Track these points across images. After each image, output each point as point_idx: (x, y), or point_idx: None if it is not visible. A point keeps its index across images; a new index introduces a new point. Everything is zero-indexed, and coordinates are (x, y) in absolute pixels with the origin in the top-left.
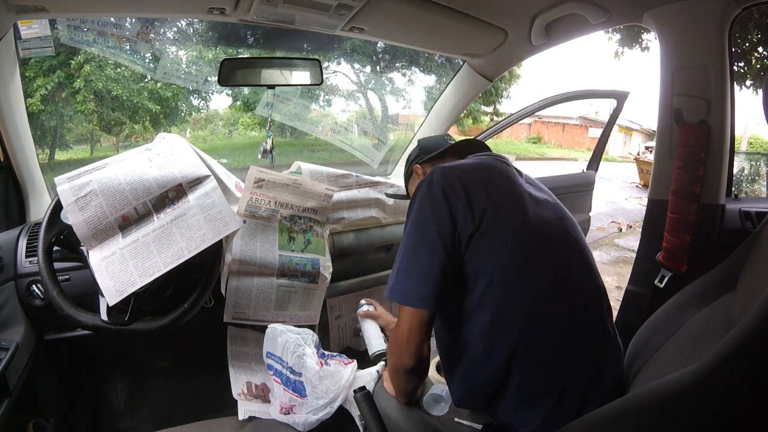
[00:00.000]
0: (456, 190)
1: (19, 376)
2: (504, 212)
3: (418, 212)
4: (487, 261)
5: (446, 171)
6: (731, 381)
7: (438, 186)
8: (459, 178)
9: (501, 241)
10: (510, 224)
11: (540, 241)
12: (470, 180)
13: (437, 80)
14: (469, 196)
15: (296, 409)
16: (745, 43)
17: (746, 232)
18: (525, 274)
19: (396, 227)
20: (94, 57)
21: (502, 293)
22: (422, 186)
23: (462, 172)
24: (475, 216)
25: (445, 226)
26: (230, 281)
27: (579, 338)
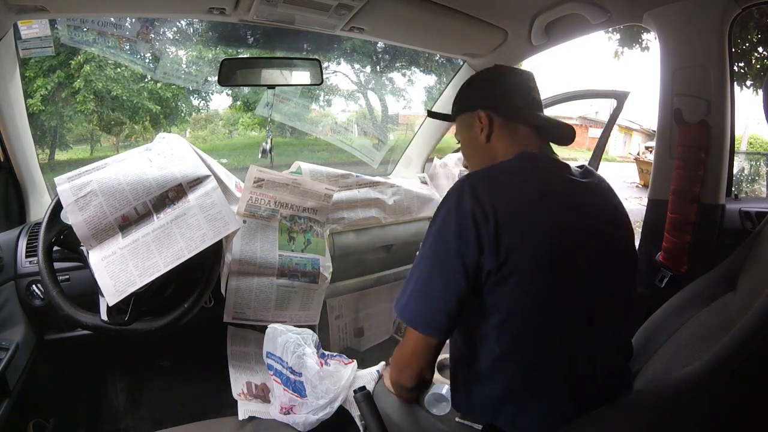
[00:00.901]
0: (487, 217)
1: (19, 376)
2: (536, 251)
3: (442, 229)
4: (506, 300)
5: (480, 188)
6: (731, 381)
7: (468, 206)
8: (493, 203)
9: (523, 285)
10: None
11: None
12: (506, 207)
13: (437, 80)
14: (498, 228)
15: (296, 409)
16: (745, 43)
17: (746, 232)
18: (544, 318)
19: (396, 227)
20: (94, 57)
21: (516, 330)
22: (451, 198)
23: (499, 195)
24: (500, 254)
25: (469, 254)
26: (230, 281)
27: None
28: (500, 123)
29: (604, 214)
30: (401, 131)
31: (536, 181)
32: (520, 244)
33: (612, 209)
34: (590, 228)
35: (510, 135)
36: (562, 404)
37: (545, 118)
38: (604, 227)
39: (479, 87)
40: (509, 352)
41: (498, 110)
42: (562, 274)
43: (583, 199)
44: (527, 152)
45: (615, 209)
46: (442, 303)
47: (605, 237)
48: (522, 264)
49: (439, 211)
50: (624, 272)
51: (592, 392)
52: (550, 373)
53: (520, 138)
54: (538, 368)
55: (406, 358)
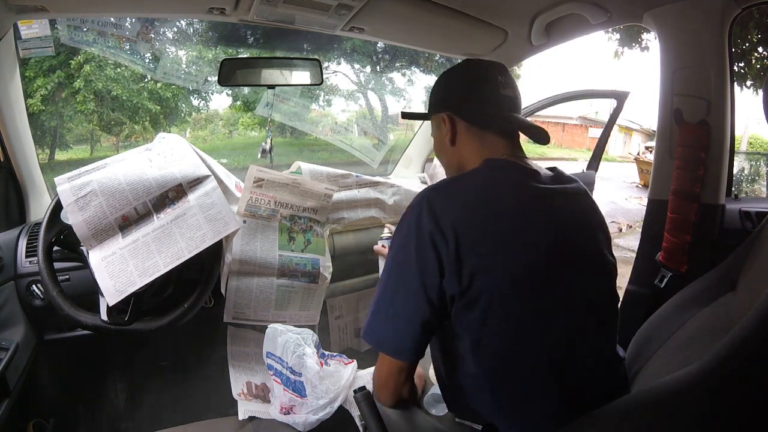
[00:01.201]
0: (446, 240)
1: (19, 376)
2: (505, 272)
3: (401, 250)
4: (475, 324)
5: (438, 207)
6: (731, 381)
7: (426, 228)
8: (452, 224)
9: (494, 309)
10: (508, 288)
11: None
12: (467, 228)
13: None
14: (459, 251)
15: (296, 409)
16: (745, 43)
17: (746, 232)
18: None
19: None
20: (94, 57)
21: (493, 350)
22: (410, 217)
23: (459, 214)
24: (463, 278)
25: (430, 277)
26: (230, 281)
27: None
28: (464, 127)
29: (576, 223)
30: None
31: (501, 196)
32: (484, 267)
33: (585, 215)
34: (562, 240)
35: (477, 140)
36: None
37: (516, 121)
38: (576, 237)
39: (445, 86)
40: (487, 370)
41: (461, 114)
42: (536, 293)
43: (553, 208)
44: (492, 160)
45: (588, 214)
46: (407, 327)
47: (579, 246)
48: (489, 287)
49: (399, 228)
50: (602, 279)
51: (581, 401)
52: (534, 387)
53: (487, 143)
54: (520, 384)
55: (381, 379)
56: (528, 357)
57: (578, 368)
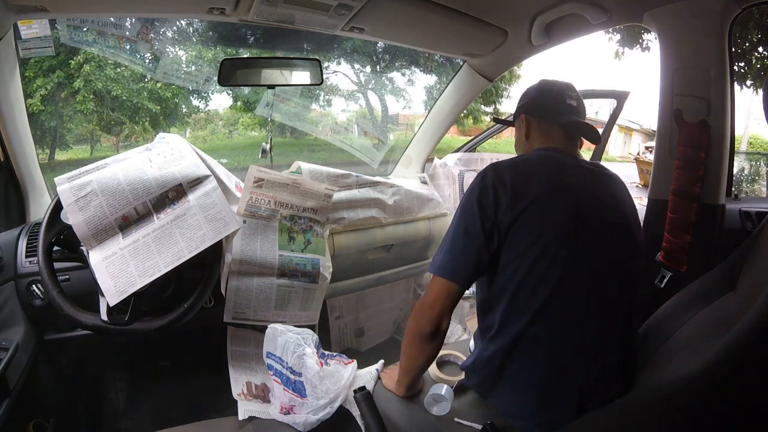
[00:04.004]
0: (505, 184)
1: (19, 376)
2: (546, 206)
3: (467, 199)
4: (518, 250)
5: (499, 168)
6: (731, 381)
7: (489, 180)
8: (510, 176)
9: (534, 234)
10: (549, 219)
11: (577, 239)
12: (519, 177)
13: (437, 80)
14: (514, 190)
15: (296, 409)
16: (745, 43)
17: (746, 232)
18: (547, 270)
19: (396, 227)
20: (93, 57)
21: (521, 283)
22: (477, 178)
23: (515, 171)
24: (516, 209)
25: (488, 215)
26: (230, 281)
27: (587, 339)
28: (536, 125)
29: (612, 200)
30: (401, 131)
31: (547, 167)
32: (532, 199)
33: (620, 200)
34: (597, 209)
35: (543, 134)
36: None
37: (575, 121)
38: (610, 212)
39: (526, 97)
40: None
41: (534, 115)
42: (567, 236)
43: (592, 184)
44: (543, 147)
45: (620, 194)
46: (463, 252)
47: (611, 220)
48: (534, 215)
49: (468, 190)
50: (630, 259)
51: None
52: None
53: (549, 136)
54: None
55: (428, 302)
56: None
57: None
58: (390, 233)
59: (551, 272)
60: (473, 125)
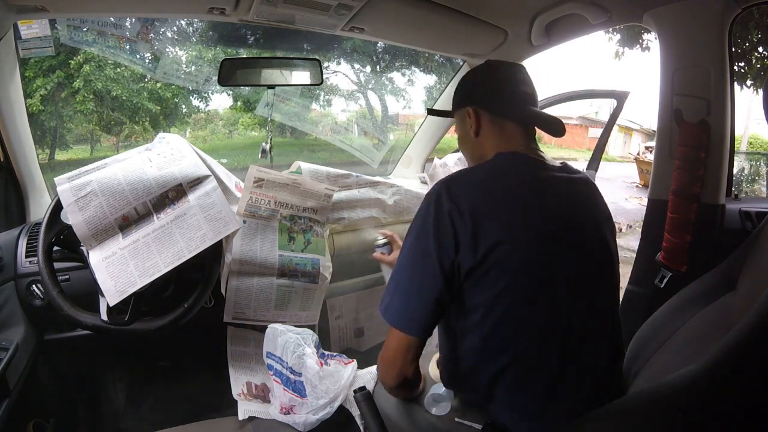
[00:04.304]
0: (463, 216)
1: (19, 376)
2: (514, 247)
3: (421, 228)
4: (486, 295)
5: (455, 189)
6: (731, 381)
7: (446, 206)
8: (469, 203)
9: (503, 280)
10: (524, 257)
11: (550, 272)
12: (481, 205)
13: (437, 80)
14: (475, 227)
15: (296, 409)
16: (745, 43)
17: (746, 232)
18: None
19: (396, 227)
20: (93, 57)
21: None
22: (429, 200)
23: (474, 194)
24: (478, 252)
25: (447, 252)
26: (230, 281)
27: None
28: (487, 119)
29: (579, 206)
30: (401, 131)
31: (510, 179)
32: (498, 240)
33: (589, 201)
34: (565, 219)
35: (497, 131)
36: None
37: (534, 113)
38: (579, 219)
39: (469, 84)
40: (492, 342)
41: (485, 106)
42: (541, 264)
43: (556, 191)
44: (504, 153)
45: (592, 201)
46: (419, 301)
47: (581, 227)
48: (501, 259)
49: (419, 213)
50: (603, 261)
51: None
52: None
53: (506, 135)
54: (520, 361)
55: (389, 356)
56: (531, 328)
57: (577, 346)
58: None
59: (533, 312)
60: None
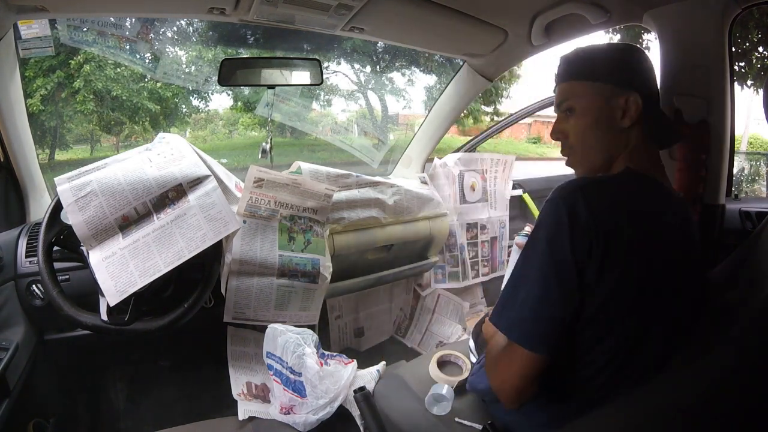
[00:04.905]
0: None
1: (19, 376)
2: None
3: (555, 238)
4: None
5: (594, 199)
6: (731, 381)
7: (583, 215)
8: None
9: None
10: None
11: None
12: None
13: (437, 80)
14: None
15: (296, 409)
16: (745, 43)
17: (746, 232)
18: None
19: (396, 227)
20: (93, 57)
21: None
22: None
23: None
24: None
25: (581, 264)
26: (230, 281)
27: None
28: (640, 119)
29: (689, 249)
30: (401, 131)
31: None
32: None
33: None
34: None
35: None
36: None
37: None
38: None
39: (636, 65)
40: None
41: (650, 101)
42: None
43: (677, 229)
44: (635, 172)
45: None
46: (556, 312)
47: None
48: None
49: (548, 217)
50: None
51: None
52: None
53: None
54: None
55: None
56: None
57: None
58: (390, 233)
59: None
60: (473, 125)
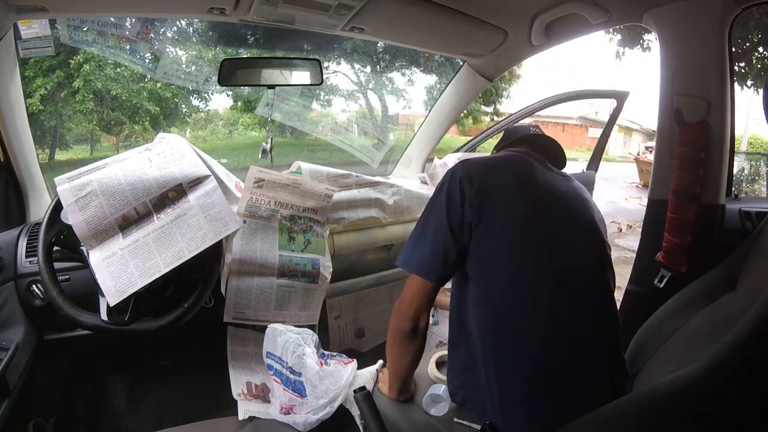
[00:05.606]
0: (471, 182)
1: (19, 376)
2: (507, 202)
3: (436, 194)
4: (481, 248)
5: (468, 164)
6: (731, 381)
7: (458, 176)
8: (478, 175)
9: (494, 229)
10: (508, 214)
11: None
12: (488, 179)
13: (437, 80)
14: (480, 193)
15: (296, 409)
16: (745, 43)
17: (746, 232)
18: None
19: (396, 227)
20: (93, 57)
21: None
22: (447, 173)
23: (483, 170)
24: (481, 212)
25: (454, 211)
26: (230, 281)
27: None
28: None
29: (575, 201)
30: (401, 131)
31: (517, 167)
32: (496, 208)
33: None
34: (558, 207)
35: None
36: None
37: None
38: (573, 209)
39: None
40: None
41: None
42: (533, 245)
43: (555, 184)
44: (513, 150)
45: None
46: (431, 248)
47: (575, 215)
48: (496, 225)
49: (442, 179)
50: (600, 267)
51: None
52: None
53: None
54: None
55: (405, 300)
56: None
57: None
58: (390, 233)
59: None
60: (473, 125)
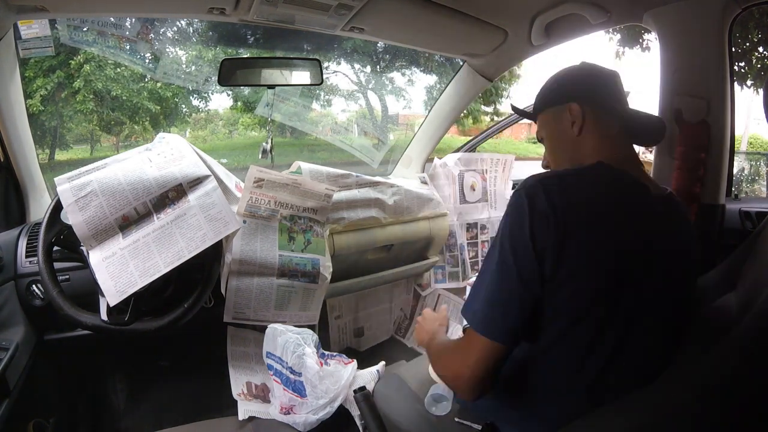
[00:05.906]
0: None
1: (19, 376)
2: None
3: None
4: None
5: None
6: (731, 381)
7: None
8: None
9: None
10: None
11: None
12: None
13: (437, 80)
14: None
15: (296, 409)
16: (745, 43)
17: (746, 232)
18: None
19: (396, 227)
20: (93, 57)
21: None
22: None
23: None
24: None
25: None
26: (230, 281)
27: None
28: (592, 115)
29: (672, 247)
30: (401, 131)
31: (611, 196)
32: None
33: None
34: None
35: (600, 131)
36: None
37: (635, 113)
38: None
39: (569, 81)
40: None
41: (590, 102)
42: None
43: (655, 223)
44: (606, 165)
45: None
46: (511, 304)
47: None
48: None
49: (510, 208)
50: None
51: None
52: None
53: (610, 137)
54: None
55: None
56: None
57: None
58: (390, 233)
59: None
60: (473, 125)
